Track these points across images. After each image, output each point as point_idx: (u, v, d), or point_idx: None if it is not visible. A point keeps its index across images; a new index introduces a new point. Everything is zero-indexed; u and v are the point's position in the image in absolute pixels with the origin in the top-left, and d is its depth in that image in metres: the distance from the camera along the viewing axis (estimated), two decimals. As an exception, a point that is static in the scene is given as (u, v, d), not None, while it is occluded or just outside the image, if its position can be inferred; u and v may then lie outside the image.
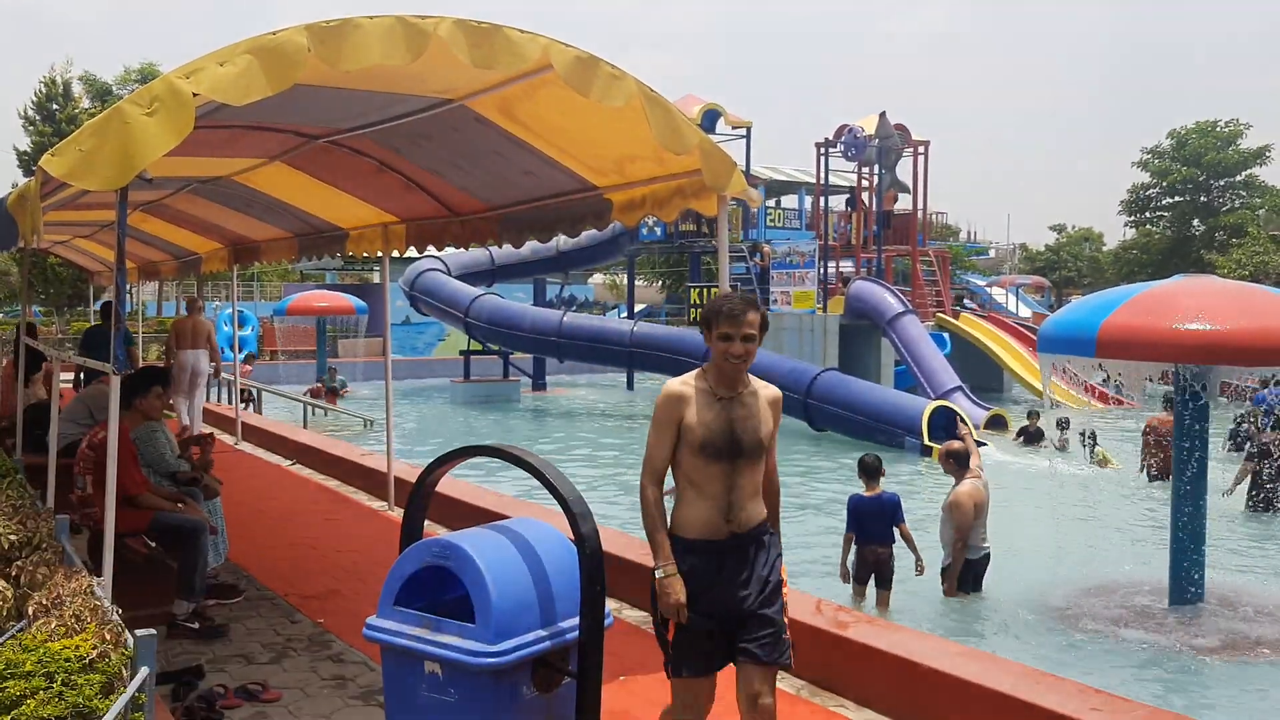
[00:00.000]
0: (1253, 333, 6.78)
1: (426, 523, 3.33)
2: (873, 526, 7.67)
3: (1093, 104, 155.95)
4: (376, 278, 38.63)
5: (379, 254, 8.40)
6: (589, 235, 24.15)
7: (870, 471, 7.78)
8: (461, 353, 25.66)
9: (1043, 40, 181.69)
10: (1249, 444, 11.90)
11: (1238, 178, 47.46)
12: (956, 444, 8.21)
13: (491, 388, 24.42)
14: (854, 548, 7.78)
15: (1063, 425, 15.96)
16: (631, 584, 6.50)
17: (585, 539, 2.62)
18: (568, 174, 5.92)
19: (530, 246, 22.84)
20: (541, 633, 2.76)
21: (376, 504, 9.50)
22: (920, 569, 7.67)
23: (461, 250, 9.71)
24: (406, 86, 5.11)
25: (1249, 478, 11.26)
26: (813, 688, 5.16)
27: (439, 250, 8.50)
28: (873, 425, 16.51)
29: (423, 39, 4.08)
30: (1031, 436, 16.41)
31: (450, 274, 24.84)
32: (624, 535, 7.88)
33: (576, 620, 2.76)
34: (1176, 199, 48.80)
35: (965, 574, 7.81)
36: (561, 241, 24.14)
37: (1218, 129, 47.07)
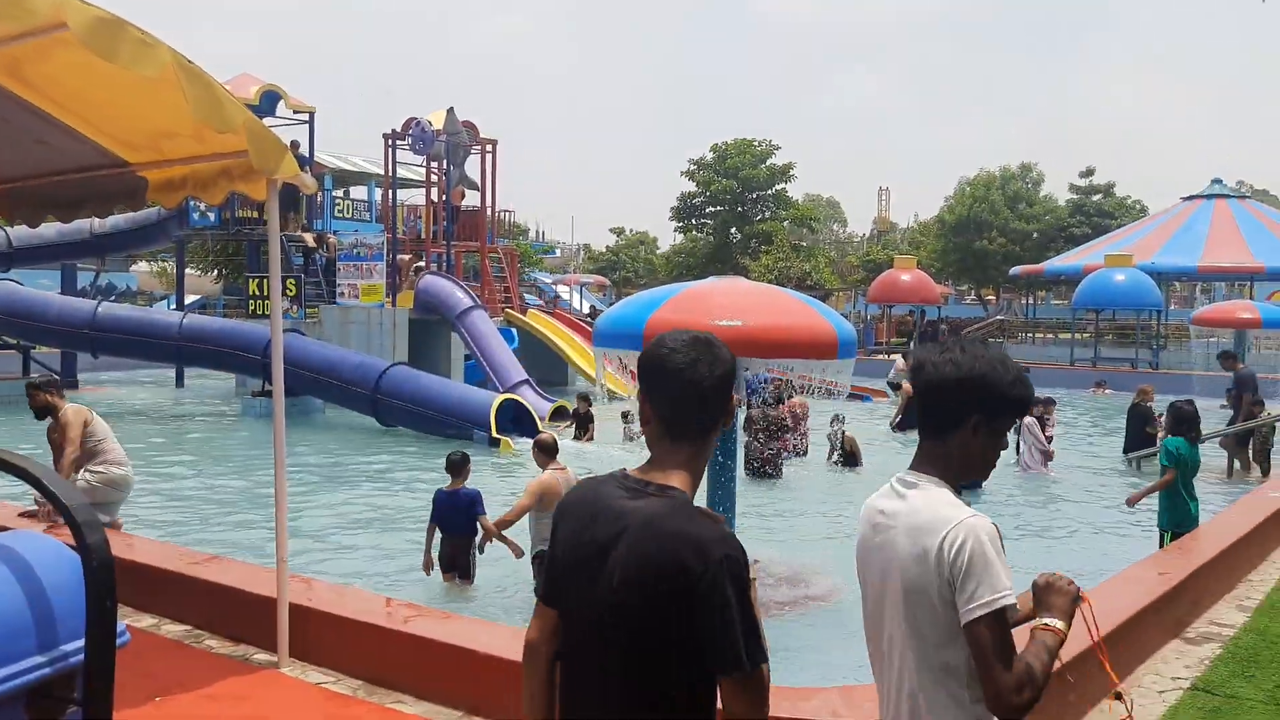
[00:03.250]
0: (776, 329, 7.61)
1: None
2: (453, 520, 7.99)
3: (652, 116, 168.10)
4: None
5: None
6: (129, 218, 21.94)
7: (455, 467, 8.06)
8: (-31, 347, 22.26)
9: (604, 51, 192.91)
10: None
11: (769, 191, 53.33)
12: (545, 435, 8.58)
13: (7, 386, 21.40)
14: (439, 539, 8.05)
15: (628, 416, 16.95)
16: (172, 595, 6.01)
17: (92, 550, 2.33)
18: (92, 147, 5.32)
19: (56, 228, 20.41)
20: (39, 659, 2.42)
21: None
22: (517, 554, 7.89)
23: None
24: (-122, 31, 4.32)
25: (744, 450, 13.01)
26: (369, 686, 5.06)
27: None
28: (442, 419, 16.56)
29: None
30: (582, 420, 17.21)
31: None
32: (166, 544, 7.28)
33: (83, 642, 2.46)
34: (718, 208, 53.87)
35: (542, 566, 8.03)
36: (95, 224, 21.74)
37: (753, 146, 52.59)
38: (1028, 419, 13.67)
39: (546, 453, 8.15)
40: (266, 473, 13.18)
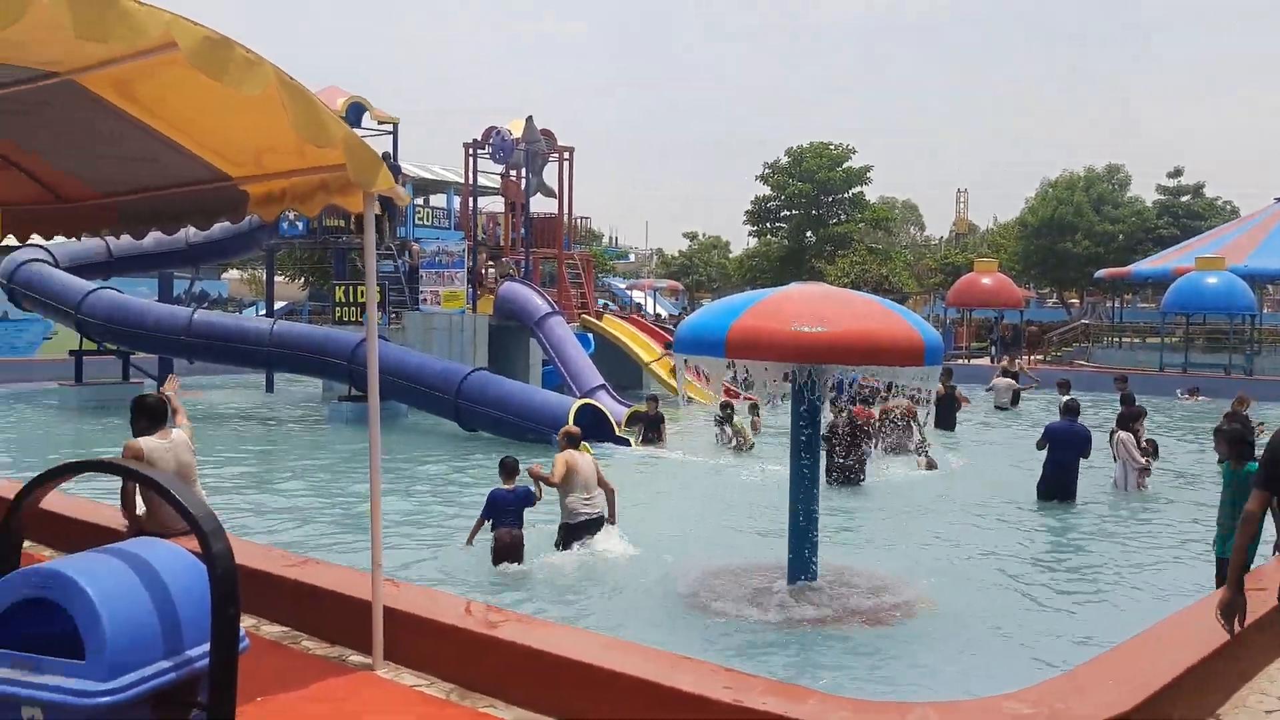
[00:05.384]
0: (858, 334, 7.53)
1: (41, 548, 2.95)
2: (507, 514, 9.11)
3: (725, 119, 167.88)
4: (-34, 267, 33.93)
5: (-33, 242, 7.38)
6: (223, 228, 22.59)
7: (508, 470, 9.27)
8: (72, 353, 23.11)
9: (677, 55, 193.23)
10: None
11: (845, 195, 52.83)
12: (572, 428, 10.27)
13: (109, 390, 22.19)
14: (493, 532, 9.09)
15: (724, 419, 16.84)
16: (270, 597, 6.17)
17: (216, 559, 2.42)
18: (198, 162, 5.50)
19: (154, 238, 21.07)
20: (165, 664, 2.52)
21: (-35, 526, 8.33)
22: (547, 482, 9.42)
23: (71, 240, 8.84)
24: (1, 54, 4.52)
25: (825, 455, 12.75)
26: (463, 690, 5.14)
27: (45, 239, 7.62)
28: (522, 424, 16.74)
29: (20, 2, 3.61)
30: (651, 422, 17.25)
31: (58, 265, 22.31)
32: (262, 547, 7.46)
33: (207, 647, 2.55)
34: (793, 212, 53.50)
35: (568, 536, 9.33)
36: (191, 233, 22.44)
37: (829, 150, 52.13)
38: (1123, 434, 13.23)
39: (571, 442, 9.71)
40: (354, 476, 13.49)
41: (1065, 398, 14.59)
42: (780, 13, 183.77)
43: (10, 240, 7.28)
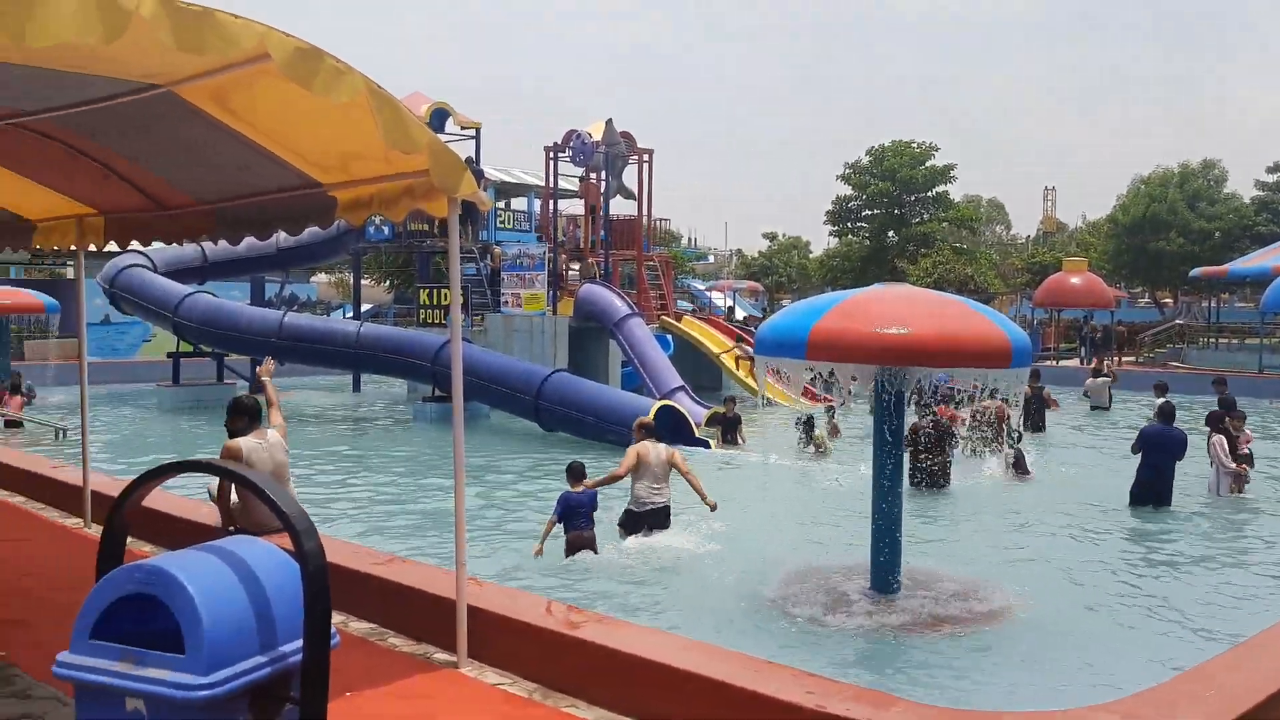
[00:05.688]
0: (941, 336, 7.40)
1: (141, 543, 3.07)
2: (578, 516, 9.38)
3: (804, 118, 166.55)
4: (71, 273, 35.33)
5: (73, 248, 7.69)
6: (311, 233, 23.17)
7: (576, 474, 9.50)
8: (170, 355, 23.93)
9: (755, 55, 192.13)
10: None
11: (928, 193, 51.95)
12: (647, 419, 10.56)
13: (204, 391, 22.93)
14: (565, 534, 9.33)
15: (805, 423, 16.66)
16: (358, 594, 6.30)
17: (308, 557, 2.49)
18: (289, 169, 5.64)
19: (247, 243, 21.79)
20: (260, 659, 2.60)
21: (71, 521, 8.68)
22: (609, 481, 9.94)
23: (168, 245, 9.20)
24: (104, 68, 4.69)
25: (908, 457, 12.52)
26: (545, 689, 5.19)
27: (144, 246, 7.90)
28: (601, 425, 16.83)
29: (122, 18, 3.74)
30: (729, 424, 17.19)
31: (156, 270, 23.11)
32: (350, 545, 7.62)
33: (300, 643, 2.62)
34: (875, 211, 52.77)
35: (634, 523, 9.67)
36: (282, 238, 23.04)
37: (911, 148, 51.33)
38: (1216, 436, 12.79)
39: (646, 433, 9.98)
40: (438, 475, 13.71)
41: (1160, 400, 14.16)
42: (861, 5, 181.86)
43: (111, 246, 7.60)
